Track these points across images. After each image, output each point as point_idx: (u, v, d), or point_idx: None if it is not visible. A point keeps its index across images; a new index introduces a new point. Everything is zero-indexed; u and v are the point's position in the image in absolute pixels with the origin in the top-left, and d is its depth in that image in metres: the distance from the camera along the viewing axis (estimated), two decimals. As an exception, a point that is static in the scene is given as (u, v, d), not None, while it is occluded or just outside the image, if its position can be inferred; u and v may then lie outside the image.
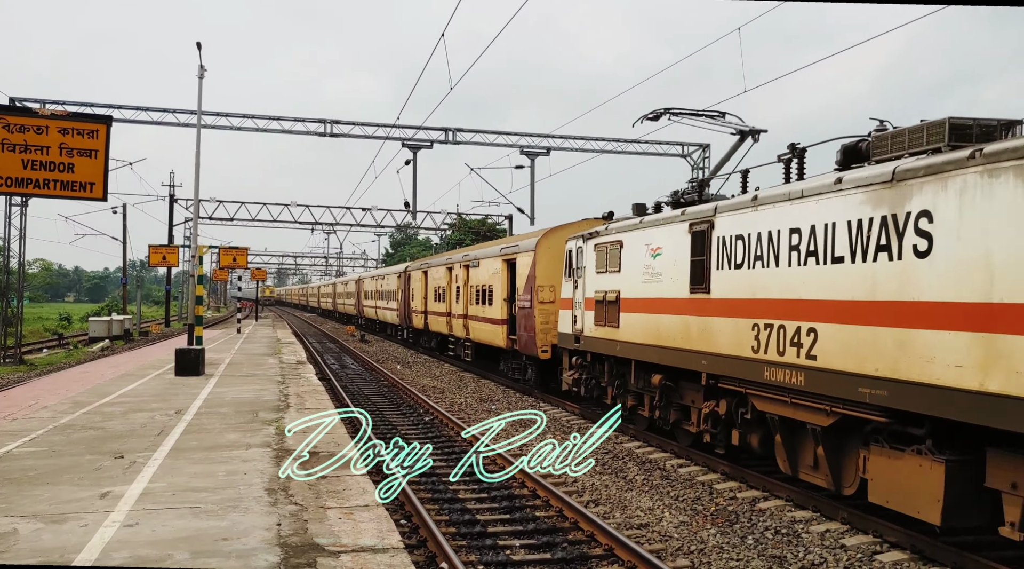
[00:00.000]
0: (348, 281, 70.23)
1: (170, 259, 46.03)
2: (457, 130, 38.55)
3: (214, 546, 7.23)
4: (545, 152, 39.49)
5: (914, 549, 8.64)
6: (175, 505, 8.55)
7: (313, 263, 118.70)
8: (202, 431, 12.99)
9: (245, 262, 50.01)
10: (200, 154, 23.86)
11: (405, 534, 9.15)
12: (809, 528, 9.67)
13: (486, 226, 58.50)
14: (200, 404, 16.04)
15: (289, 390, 18.75)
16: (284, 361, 26.87)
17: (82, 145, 12.38)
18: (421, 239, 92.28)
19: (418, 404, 20.24)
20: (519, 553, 8.87)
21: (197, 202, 25.64)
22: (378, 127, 38.10)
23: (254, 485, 9.49)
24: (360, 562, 6.97)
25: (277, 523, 7.98)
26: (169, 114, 36.19)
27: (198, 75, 23.50)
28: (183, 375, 21.15)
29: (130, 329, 45.41)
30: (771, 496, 11.08)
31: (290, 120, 37.42)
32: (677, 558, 8.77)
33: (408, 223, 53.16)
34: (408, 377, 26.98)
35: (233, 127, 36.86)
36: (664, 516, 10.34)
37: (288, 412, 15.24)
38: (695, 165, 38.82)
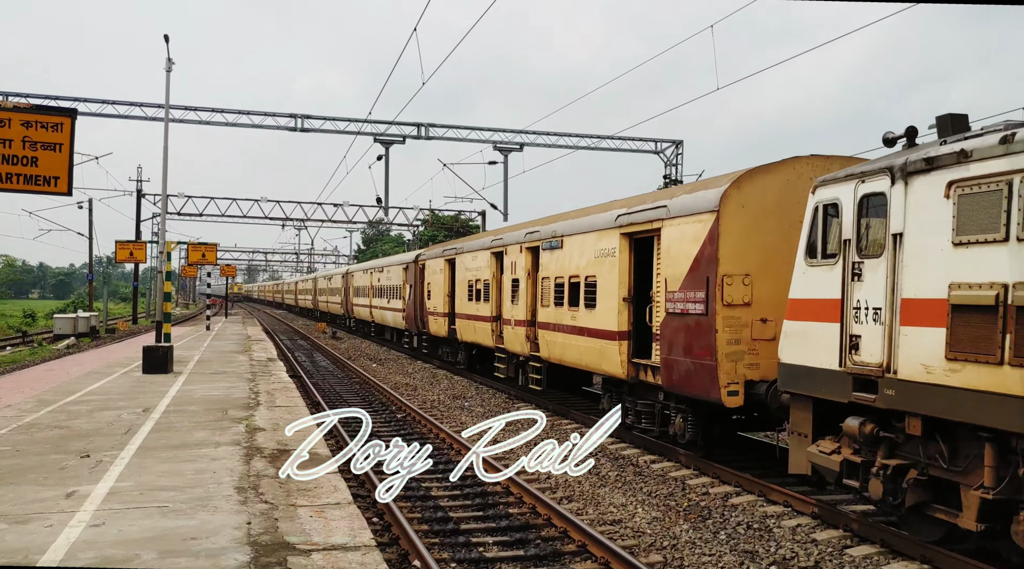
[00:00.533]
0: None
1: (137, 255, 45.28)
2: (430, 125, 38.39)
3: (183, 545, 7.13)
4: (518, 148, 39.44)
5: (883, 543, 8.73)
6: (143, 504, 8.42)
7: (284, 259, 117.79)
8: (170, 429, 12.81)
9: (214, 258, 49.34)
10: (168, 148, 23.53)
11: (377, 532, 9.08)
12: (781, 523, 9.74)
13: (459, 222, 58.35)
14: (168, 402, 15.82)
15: (259, 388, 18.56)
16: (254, 358, 26.61)
17: (46, 138, 12.13)
18: (393, 235, 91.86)
19: (391, 402, 20.12)
20: (492, 550, 8.84)
21: (165, 197, 25.29)
22: (349, 122, 37.85)
23: (223, 483, 9.37)
24: (331, 560, 6.90)
25: (247, 522, 7.89)
26: (136, 107, 35.66)
27: (166, 68, 23.15)
28: (151, 373, 20.86)
29: (96, 326, 44.69)
30: (743, 491, 11.15)
31: (260, 114, 37.07)
32: (650, 554, 8.79)
33: (380, 219, 52.86)
34: (380, 374, 26.83)
35: (202, 121, 36.43)
36: (637, 512, 10.36)
37: (258, 410, 15.08)
38: (668, 161, 38.99)
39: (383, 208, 41.92)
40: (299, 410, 15.33)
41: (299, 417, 14.42)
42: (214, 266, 59.98)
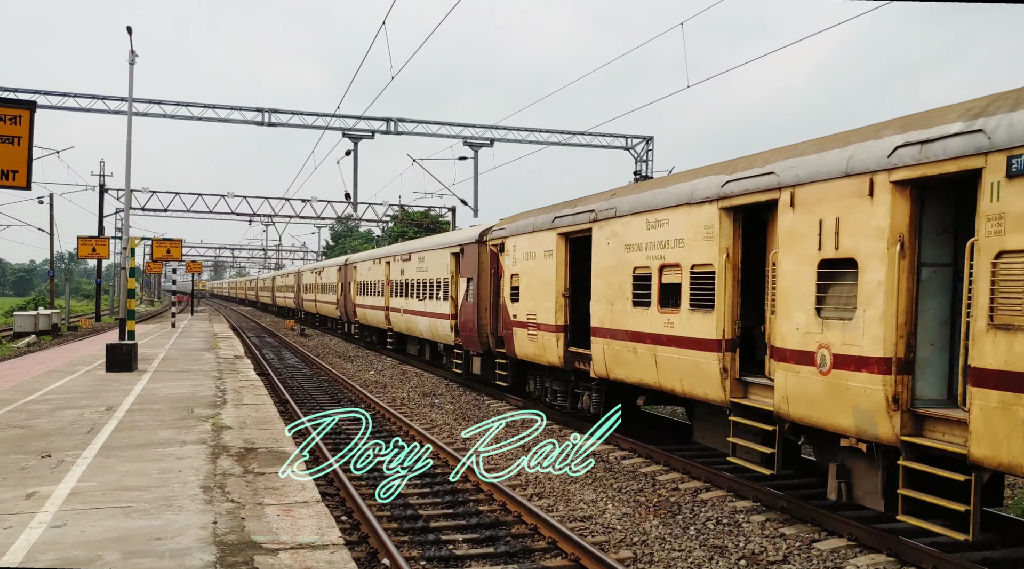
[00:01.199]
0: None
1: (100, 251, 44.48)
2: (399, 120, 38.12)
3: (147, 546, 7.00)
4: (489, 143, 39.29)
5: (851, 536, 8.82)
6: (106, 504, 8.25)
7: (251, 255, 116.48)
8: (135, 428, 12.59)
9: (179, 254, 48.65)
10: (131, 143, 23.14)
11: (346, 530, 8.99)
12: (750, 518, 9.80)
13: (429, 218, 58.13)
14: (133, 401, 15.56)
15: (226, 385, 18.32)
16: (221, 356, 26.28)
17: (4, 131, 11.83)
18: (363, 231, 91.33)
19: (360, 399, 19.98)
20: (462, 548, 8.80)
21: (128, 192, 24.87)
22: (318, 117, 37.43)
23: (189, 483, 9.22)
24: (299, 559, 6.81)
25: (213, 521, 7.76)
26: (98, 101, 34.99)
27: (129, 61, 22.75)
28: (115, 371, 20.51)
29: (58, 324, 43.87)
30: (712, 486, 11.21)
31: (226, 109, 36.52)
32: (620, 550, 8.80)
33: (349, 215, 52.44)
34: (350, 371, 26.64)
35: (166, 115, 35.79)
36: (607, 508, 10.37)
37: (225, 408, 14.89)
38: (638, 157, 39.06)
39: (352, 204, 41.55)
40: (267, 408, 15.15)
41: (267, 415, 14.26)
42: (179, 262, 59.11)
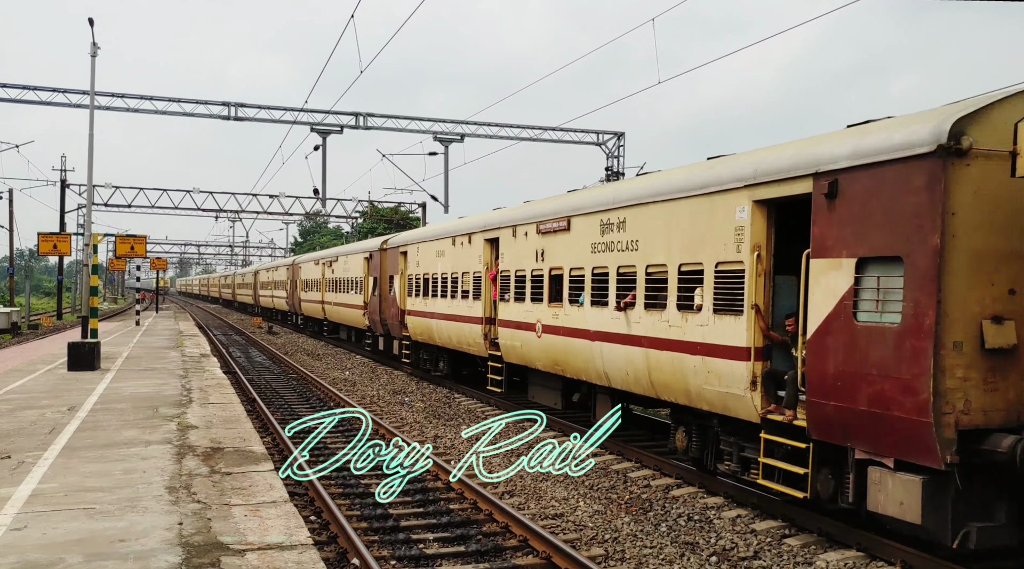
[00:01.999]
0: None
1: (62, 248, 43.60)
2: (368, 115, 37.82)
3: (110, 548, 6.85)
4: (459, 139, 39.12)
5: (820, 532, 8.88)
6: (68, 506, 8.07)
7: (218, 252, 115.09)
8: (98, 428, 12.34)
9: (144, 251, 47.81)
10: (93, 137, 22.69)
11: (315, 530, 8.87)
12: (721, 514, 9.84)
13: (399, 214, 57.84)
14: (96, 400, 15.26)
15: (192, 384, 18.05)
16: (187, 354, 25.90)
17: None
18: (331, 228, 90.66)
19: (329, 397, 19.79)
20: (433, 547, 8.72)
21: (91, 187, 24.39)
22: (285, 111, 37.04)
23: (154, 483, 9.04)
24: (267, 560, 6.70)
25: (179, 522, 7.61)
26: (59, 94, 34.32)
27: (91, 53, 22.30)
28: (77, 370, 20.10)
29: (18, 322, 42.95)
30: (684, 483, 11.24)
31: (191, 102, 36.00)
32: (592, 547, 8.78)
33: (318, 211, 52.01)
34: (319, 370, 26.40)
35: (129, 109, 35.19)
36: (579, 506, 10.35)
37: (191, 407, 14.65)
38: (609, 153, 39.12)
39: (320, 199, 41.23)
40: (234, 407, 14.94)
41: (234, 414, 14.06)
42: (144, 259, 58.18)
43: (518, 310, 16.06)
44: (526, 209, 16.43)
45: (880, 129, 8.09)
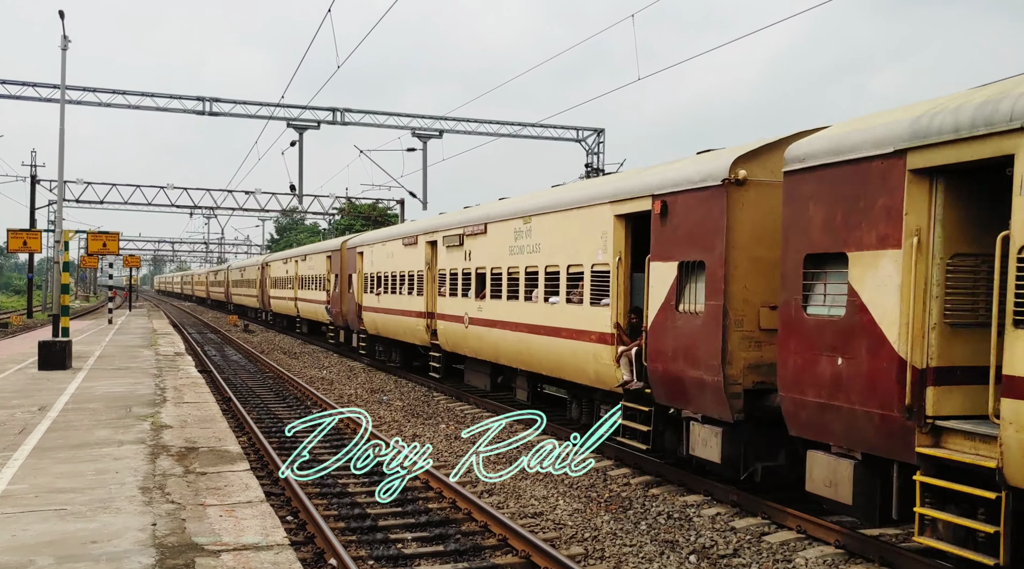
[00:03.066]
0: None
1: (32, 245, 42.91)
2: (346, 110, 37.56)
3: (82, 550, 6.72)
4: (438, 135, 38.94)
5: (799, 529, 8.90)
6: (38, 507, 7.91)
7: (192, 249, 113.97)
8: (69, 428, 12.13)
9: (116, 248, 47.17)
10: (65, 132, 22.33)
11: (291, 530, 8.76)
12: (700, 512, 9.84)
13: (377, 211, 57.55)
14: (67, 400, 15.02)
15: (166, 383, 17.82)
16: (161, 353, 25.60)
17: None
18: (308, 224, 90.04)
19: (306, 396, 19.62)
20: (411, 546, 8.64)
21: (62, 183, 24.01)
22: (261, 106, 36.70)
23: (127, 484, 8.89)
24: (242, 561, 6.60)
25: (152, 523, 7.49)
26: (29, 88, 33.78)
27: (61, 46, 21.93)
28: (48, 369, 19.77)
29: (-12, 319, 42.31)
30: (664, 481, 11.24)
31: (165, 97, 35.55)
32: (571, 546, 8.75)
33: (294, 207, 51.67)
34: (295, 368, 26.19)
35: (102, 104, 34.71)
36: (558, 504, 10.31)
37: (165, 406, 14.46)
38: (589, 150, 39.12)
39: (297, 196, 40.91)
40: (209, 406, 14.76)
41: (209, 414, 13.89)
42: (116, 256, 57.46)
43: (451, 304, 18.37)
44: (456, 216, 19.27)
45: (696, 162, 10.48)
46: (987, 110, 6.51)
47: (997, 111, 6.41)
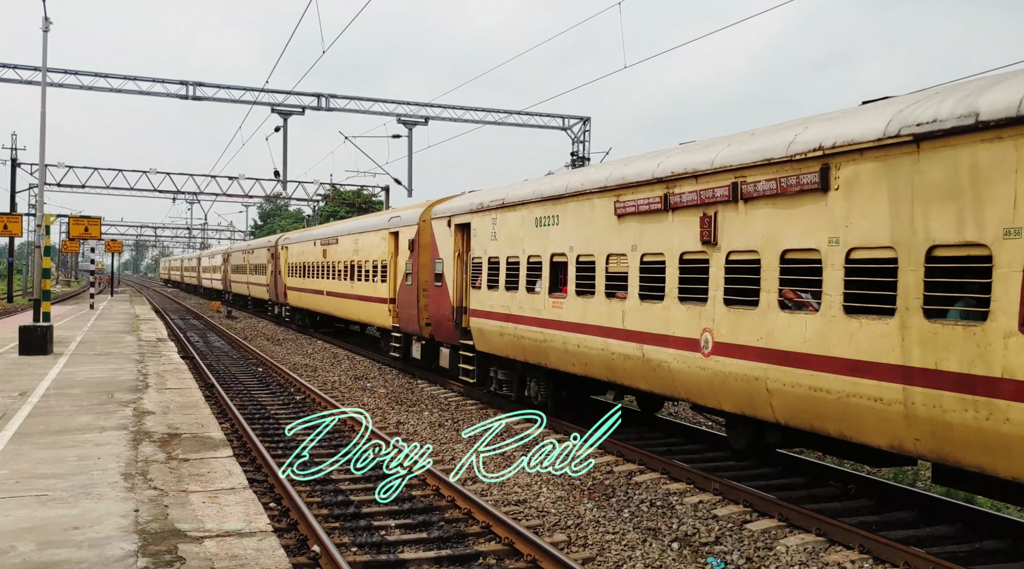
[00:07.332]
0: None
1: (12, 228, 42.37)
2: (331, 96, 37.27)
3: (64, 536, 6.67)
4: (424, 121, 38.74)
5: (781, 517, 8.98)
6: (19, 493, 7.85)
7: (175, 235, 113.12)
8: (50, 414, 12.03)
9: (98, 233, 46.68)
10: (46, 115, 22.03)
11: (274, 517, 8.75)
12: (683, 500, 9.90)
13: (361, 197, 57.28)
14: (48, 385, 14.89)
15: (148, 369, 17.71)
16: (143, 339, 25.42)
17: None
18: (292, 210, 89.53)
19: (289, 383, 19.56)
20: (395, 533, 8.65)
21: (43, 166, 23.71)
22: (245, 91, 36.34)
23: (109, 470, 8.84)
24: (225, 547, 6.58)
25: (135, 509, 7.45)
26: (9, 70, 33.31)
27: (42, 28, 21.62)
28: (28, 354, 19.60)
29: (-33, 304, 41.85)
30: (647, 469, 11.30)
31: (148, 81, 35.14)
32: (554, 533, 8.79)
33: (278, 193, 51.34)
34: (279, 355, 26.10)
35: (83, 86, 34.25)
36: (542, 492, 10.35)
37: (147, 392, 14.37)
38: (575, 138, 39.06)
39: (281, 182, 40.62)
40: (191, 392, 14.68)
41: (191, 400, 13.82)
42: (98, 241, 56.93)
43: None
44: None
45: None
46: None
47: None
